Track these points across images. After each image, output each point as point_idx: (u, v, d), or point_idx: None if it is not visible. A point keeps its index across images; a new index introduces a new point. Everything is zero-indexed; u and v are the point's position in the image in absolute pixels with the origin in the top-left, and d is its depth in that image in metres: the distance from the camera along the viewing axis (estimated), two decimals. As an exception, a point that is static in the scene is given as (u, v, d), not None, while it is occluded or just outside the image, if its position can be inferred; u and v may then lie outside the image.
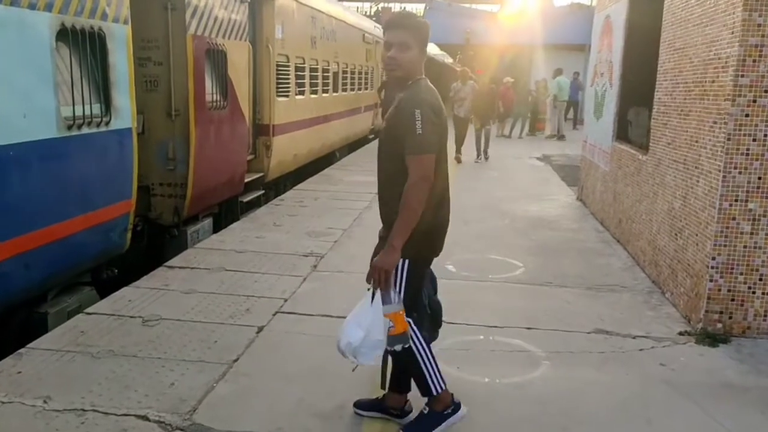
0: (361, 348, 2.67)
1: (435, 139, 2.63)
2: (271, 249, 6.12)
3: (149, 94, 6.45)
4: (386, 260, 2.60)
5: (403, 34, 2.70)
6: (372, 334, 2.66)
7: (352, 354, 2.71)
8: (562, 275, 5.50)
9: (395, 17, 2.82)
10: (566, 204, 8.87)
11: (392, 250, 2.59)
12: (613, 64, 7.35)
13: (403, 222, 2.58)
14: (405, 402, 3.13)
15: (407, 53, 2.69)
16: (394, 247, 2.59)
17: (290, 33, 9.89)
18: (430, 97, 2.69)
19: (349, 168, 11.87)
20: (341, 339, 2.74)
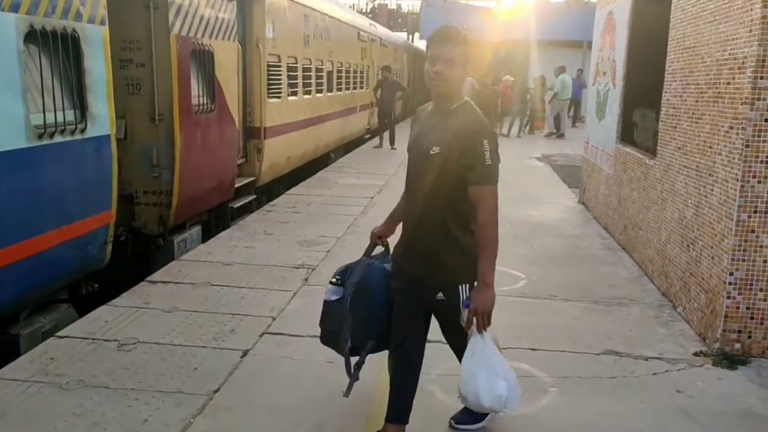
0: (510, 395, 2.61)
1: (498, 172, 2.59)
2: (260, 260, 5.83)
3: (131, 98, 6.14)
4: (486, 300, 2.56)
5: (451, 50, 2.60)
6: (509, 376, 2.62)
7: (502, 406, 2.64)
8: (566, 287, 5.21)
9: (444, 31, 2.65)
10: (568, 208, 8.58)
11: (487, 287, 2.56)
12: (616, 63, 7.06)
13: (490, 256, 2.56)
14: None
15: (453, 69, 2.59)
16: (488, 284, 2.56)
17: (281, 32, 9.58)
18: (488, 125, 2.65)
19: (344, 170, 11.57)
20: (482, 398, 2.62)
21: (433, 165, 2.60)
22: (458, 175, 2.56)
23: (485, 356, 2.58)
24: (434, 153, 2.59)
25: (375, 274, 2.93)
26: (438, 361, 3.62)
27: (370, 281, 2.91)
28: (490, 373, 2.58)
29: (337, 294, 3.00)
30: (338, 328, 2.96)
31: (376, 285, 2.91)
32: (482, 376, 2.58)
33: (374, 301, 2.89)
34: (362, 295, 2.88)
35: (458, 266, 2.63)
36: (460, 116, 2.61)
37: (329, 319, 3.08)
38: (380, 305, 2.89)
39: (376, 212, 7.97)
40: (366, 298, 2.89)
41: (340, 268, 3.09)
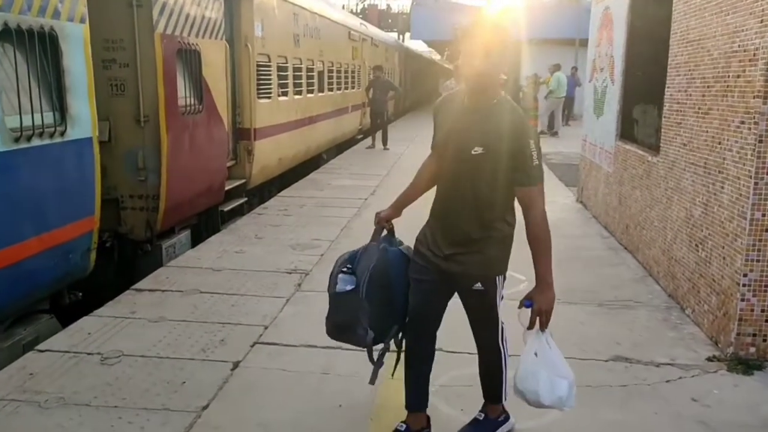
0: (570, 394, 2.57)
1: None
2: (251, 266, 5.62)
3: (115, 99, 5.93)
4: (549, 300, 2.57)
5: (487, 42, 2.53)
6: (570, 375, 2.59)
7: (562, 405, 2.60)
8: (569, 289, 5.02)
9: (479, 23, 2.62)
10: (566, 206, 8.41)
11: (548, 287, 2.57)
12: (614, 59, 6.90)
13: (547, 255, 2.57)
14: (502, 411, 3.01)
15: (489, 62, 2.52)
16: (550, 284, 2.58)
17: (271, 31, 9.37)
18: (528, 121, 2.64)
19: (336, 171, 11.36)
20: (543, 398, 2.57)
21: (476, 166, 2.56)
22: (503, 175, 2.54)
23: (548, 356, 2.56)
24: (477, 153, 2.54)
25: (392, 257, 2.85)
26: (441, 371, 3.44)
27: (388, 265, 2.81)
28: (553, 373, 2.55)
29: (351, 283, 2.83)
30: (352, 320, 2.80)
31: (395, 268, 2.82)
32: (544, 376, 2.55)
33: (394, 285, 2.80)
34: (379, 280, 2.76)
35: (497, 257, 2.65)
36: (504, 115, 2.55)
37: (341, 312, 2.89)
38: (401, 289, 2.82)
39: (370, 214, 7.71)
40: (384, 284, 2.78)
41: (343, 256, 2.94)
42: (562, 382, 2.56)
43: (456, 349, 3.66)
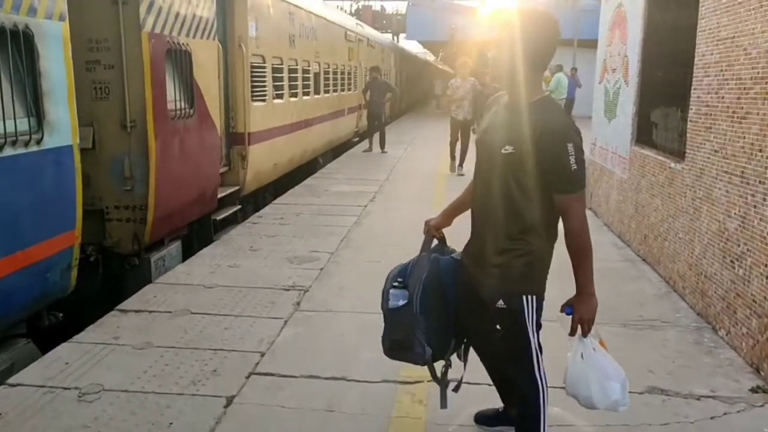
0: (623, 396, 2.48)
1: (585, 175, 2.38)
2: (245, 281, 5.23)
3: (100, 103, 5.54)
4: (590, 309, 2.42)
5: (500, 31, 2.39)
6: (620, 376, 2.49)
7: (616, 408, 2.50)
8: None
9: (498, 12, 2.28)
10: (574, 213, 8.06)
11: (590, 296, 2.42)
12: (628, 59, 6.55)
13: (587, 265, 2.42)
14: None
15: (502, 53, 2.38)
16: (591, 293, 2.42)
17: (266, 31, 8.99)
18: (571, 123, 2.36)
19: (334, 176, 10.98)
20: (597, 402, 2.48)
21: (506, 165, 2.38)
22: (535, 178, 2.34)
23: (595, 360, 2.46)
24: (507, 152, 2.36)
25: (445, 266, 2.70)
26: (460, 407, 3.09)
27: (441, 275, 2.67)
28: (603, 378, 2.45)
29: (403, 298, 2.67)
30: (409, 337, 2.63)
31: (449, 277, 2.68)
32: (595, 382, 2.45)
33: (449, 295, 2.65)
34: (433, 291, 2.63)
35: (525, 273, 2.42)
36: (540, 114, 2.33)
37: (396, 329, 2.70)
38: (456, 300, 2.67)
39: (371, 222, 7.41)
40: (438, 295, 2.64)
41: (392, 271, 2.76)
42: (614, 385, 2.46)
43: (477, 380, 3.29)
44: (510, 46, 2.34)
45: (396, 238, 6.65)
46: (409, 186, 9.95)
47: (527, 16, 2.34)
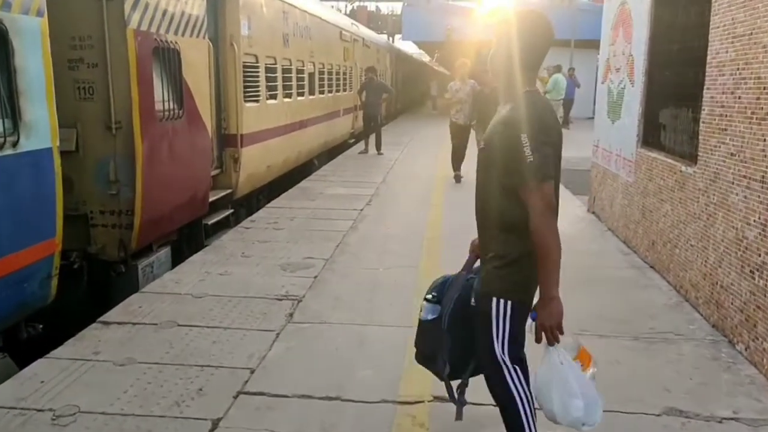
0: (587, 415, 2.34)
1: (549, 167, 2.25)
2: (236, 290, 4.98)
3: (83, 104, 5.29)
4: (550, 314, 2.26)
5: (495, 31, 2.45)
6: (587, 392, 2.35)
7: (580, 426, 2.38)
8: (597, 317, 4.44)
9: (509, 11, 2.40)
10: (577, 218, 7.84)
11: (549, 300, 2.25)
12: (633, 58, 6.33)
13: (547, 266, 2.23)
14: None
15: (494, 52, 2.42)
16: (552, 297, 2.25)
17: (259, 29, 8.75)
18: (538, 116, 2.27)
19: (329, 178, 10.73)
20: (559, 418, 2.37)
21: (481, 161, 2.45)
22: (500, 174, 2.32)
23: (560, 373, 2.33)
24: (481, 148, 2.48)
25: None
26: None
27: (470, 297, 2.56)
28: (564, 393, 2.33)
29: (434, 312, 2.70)
30: (434, 350, 2.69)
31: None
32: (556, 396, 2.35)
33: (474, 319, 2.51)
34: (462, 313, 2.58)
35: (501, 276, 2.35)
36: (508, 107, 2.34)
37: (425, 341, 2.77)
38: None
39: (367, 227, 7.17)
40: (466, 317, 2.56)
41: (435, 281, 2.78)
42: (577, 402, 2.33)
43: (481, 399, 3.05)
44: (506, 44, 2.35)
45: (394, 244, 6.43)
46: (406, 189, 9.71)
47: (522, 16, 2.36)
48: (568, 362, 2.34)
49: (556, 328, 2.26)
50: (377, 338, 4.12)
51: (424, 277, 4.27)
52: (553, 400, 2.35)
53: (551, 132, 2.30)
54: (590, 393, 2.35)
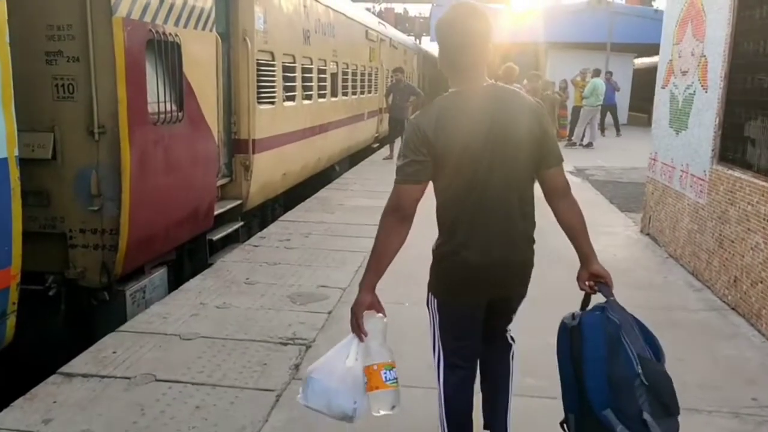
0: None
1: (409, 170, 2.27)
2: (234, 330, 4.16)
3: (62, 104, 4.52)
4: (354, 301, 2.31)
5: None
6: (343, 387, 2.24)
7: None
8: (678, 381, 3.49)
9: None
10: (629, 240, 6.89)
11: (359, 289, 2.31)
12: (707, 59, 5.39)
13: (371, 260, 2.35)
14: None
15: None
16: (360, 287, 2.32)
17: (276, 24, 7.94)
18: (419, 118, 2.33)
19: (350, 187, 9.91)
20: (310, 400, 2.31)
21: None
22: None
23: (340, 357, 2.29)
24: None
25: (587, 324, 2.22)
26: None
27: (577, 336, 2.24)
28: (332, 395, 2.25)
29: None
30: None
31: (587, 341, 2.20)
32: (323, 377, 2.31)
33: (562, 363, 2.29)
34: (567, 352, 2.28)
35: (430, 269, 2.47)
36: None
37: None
38: (588, 367, 2.16)
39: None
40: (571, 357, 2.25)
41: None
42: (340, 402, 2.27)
43: None
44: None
45: (423, 269, 5.54)
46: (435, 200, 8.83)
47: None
48: (353, 358, 2.24)
49: (354, 321, 2.27)
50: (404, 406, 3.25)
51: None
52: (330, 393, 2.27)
53: (420, 135, 2.25)
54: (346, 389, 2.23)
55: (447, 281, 2.38)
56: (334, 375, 2.24)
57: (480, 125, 2.24)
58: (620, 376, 2.07)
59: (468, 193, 2.27)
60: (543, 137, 2.29)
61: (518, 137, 2.24)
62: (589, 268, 2.36)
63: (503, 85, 2.43)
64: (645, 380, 2.07)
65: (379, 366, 2.20)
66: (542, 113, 2.34)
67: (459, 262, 2.31)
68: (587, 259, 2.36)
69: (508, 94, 2.34)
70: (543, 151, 2.30)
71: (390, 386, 2.20)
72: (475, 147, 2.23)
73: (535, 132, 2.26)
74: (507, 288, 2.44)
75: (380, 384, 2.19)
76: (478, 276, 2.31)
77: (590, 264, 2.35)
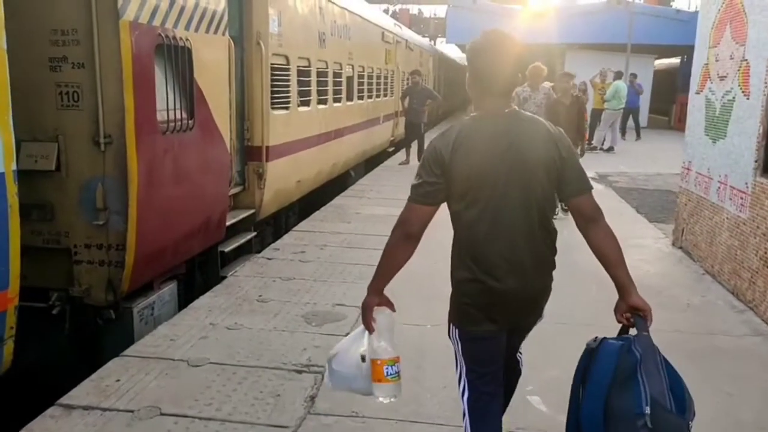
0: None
1: (421, 191, 2.30)
2: (245, 354, 3.90)
3: (67, 113, 4.30)
4: (363, 301, 2.40)
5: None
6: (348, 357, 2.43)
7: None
8: (734, 421, 3.21)
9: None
10: (660, 253, 6.55)
11: (368, 292, 2.40)
12: (749, 63, 5.06)
13: (377, 267, 2.40)
14: None
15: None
16: (368, 290, 2.41)
17: (291, 26, 7.69)
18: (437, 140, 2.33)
19: (366, 194, 9.63)
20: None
21: None
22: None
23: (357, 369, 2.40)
24: None
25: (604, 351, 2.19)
26: None
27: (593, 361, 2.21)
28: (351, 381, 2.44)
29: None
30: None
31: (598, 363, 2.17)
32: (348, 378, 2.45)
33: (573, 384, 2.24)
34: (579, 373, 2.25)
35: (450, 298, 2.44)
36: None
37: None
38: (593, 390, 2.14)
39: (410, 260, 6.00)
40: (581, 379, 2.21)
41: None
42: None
43: None
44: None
45: (444, 286, 5.25)
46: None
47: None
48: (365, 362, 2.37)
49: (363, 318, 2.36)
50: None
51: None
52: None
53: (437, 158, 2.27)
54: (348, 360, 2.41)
55: (465, 309, 2.34)
56: (350, 364, 2.40)
57: (496, 150, 2.23)
58: (621, 407, 2.01)
59: (483, 218, 2.25)
60: (562, 164, 2.25)
61: (535, 163, 2.22)
62: (627, 300, 2.24)
63: (525, 112, 2.43)
64: (650, 424, 1.96)
65: (382, 362, 2.34)
66: (563, 140, 2.30)
67: (477, 289, 2.29)
68: (625, 290, 2.25)
69: (528, 121, 2.33)
70: (565, 179, 2.26)
71: (390, 380, 2.35)
72: (490, 171, 2.22)
73: (554, 158, 2.23)
74: (525, 315, 2.39)
75: (382, 378, 2.35)
76: (495, 302, 2.28)
77: (629, 296, 2.23)
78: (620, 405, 2.01)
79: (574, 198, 2.28)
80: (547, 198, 2.27)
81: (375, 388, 2.38)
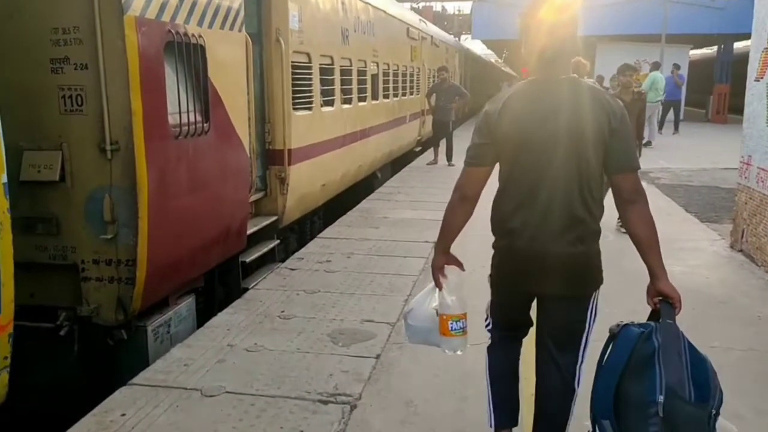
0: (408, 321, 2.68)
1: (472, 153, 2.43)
2: (264, 381, 3.51)
3: (70, 118, 3.97)
4: (431, 261, 2.60)
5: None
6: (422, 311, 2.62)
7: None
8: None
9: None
10: (719, 257, 5.99)
11: (434, 251, 2.60)
12: (822, 45, 4.52)
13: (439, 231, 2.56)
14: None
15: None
16: (434, 249, 2.61)
17: (312, 23, 7.31)
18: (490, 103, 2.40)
19: (394, 197, 9.21)
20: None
21: None
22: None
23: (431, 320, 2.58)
24: None
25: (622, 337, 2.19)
26: None
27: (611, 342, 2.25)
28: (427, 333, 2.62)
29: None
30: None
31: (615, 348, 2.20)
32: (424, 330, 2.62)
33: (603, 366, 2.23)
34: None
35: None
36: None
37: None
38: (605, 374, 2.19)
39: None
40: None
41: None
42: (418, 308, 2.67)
43: None
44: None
45: (482, 299, 4.83)
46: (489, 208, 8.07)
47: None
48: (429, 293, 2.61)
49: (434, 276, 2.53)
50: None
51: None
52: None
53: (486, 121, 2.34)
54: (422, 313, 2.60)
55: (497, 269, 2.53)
56: (425, 318, 2.57)
57: (544, 114, 2.23)
58: (633, 394, 2.02)
59: (525, 180, 2.30)
60: (611, 136, 2.21)
61: (583, 132, 2.20)
62: (657, 286, 2.25)
63: (583, 80, 2.40)
64: (662, 412, 1.94)
65: (448, 317, 2.49)
66: (618, 112, 2.24)
67: (507, 248, 2.43)
68: (655, 275, 2.26)
69: (585, 89, 2.28)
70: (611, 152, 2.23)
71: (455, 335, 2.50)
72: (536, 135, 2.24)
73: (603, 130, 2.20)
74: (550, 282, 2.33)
75: (447, 332, 2.50)
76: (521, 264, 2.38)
77: (658, 281, 2.25)
78: (633, 391, 2.03)
79: (615, 174, 2.25)
80: (593, 168, 2.24)
81: (441, 341, 2.54)
